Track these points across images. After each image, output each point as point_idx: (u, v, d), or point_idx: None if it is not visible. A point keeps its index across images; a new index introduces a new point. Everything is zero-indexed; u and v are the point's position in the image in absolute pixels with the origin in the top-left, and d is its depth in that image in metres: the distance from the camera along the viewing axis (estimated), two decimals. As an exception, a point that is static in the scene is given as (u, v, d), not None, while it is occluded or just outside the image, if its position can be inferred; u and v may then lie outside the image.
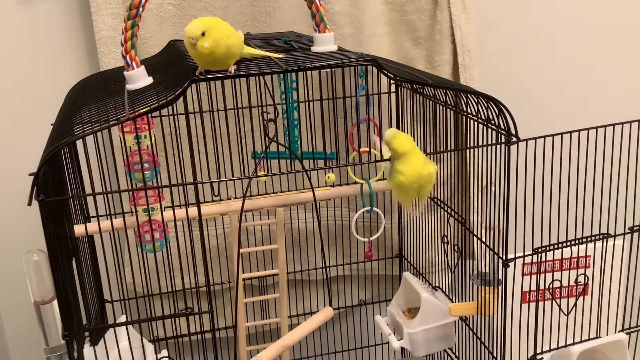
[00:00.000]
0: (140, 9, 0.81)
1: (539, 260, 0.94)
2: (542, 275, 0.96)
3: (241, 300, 1.10)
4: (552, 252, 0.94)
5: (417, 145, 1.08)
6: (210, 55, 0.77)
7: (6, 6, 1.14)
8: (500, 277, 0.92)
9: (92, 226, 0.93)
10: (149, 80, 0.84)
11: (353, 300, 1.31)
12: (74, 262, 0.91)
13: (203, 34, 0.76)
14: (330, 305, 0.97)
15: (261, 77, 1.02)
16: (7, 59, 1.16)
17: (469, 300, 0.98)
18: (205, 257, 0.86)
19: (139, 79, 0.83)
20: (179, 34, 1.11)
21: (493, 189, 0.90)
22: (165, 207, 0.97)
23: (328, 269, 1.25)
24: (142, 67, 0.84)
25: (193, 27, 0.76)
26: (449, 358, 1.12)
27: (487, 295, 0.93)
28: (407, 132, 1.11)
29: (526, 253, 0.93)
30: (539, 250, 0.93)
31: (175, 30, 1.12)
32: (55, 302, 0.82)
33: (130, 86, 0.83)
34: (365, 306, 1.32)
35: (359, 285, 1.30)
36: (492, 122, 0.88)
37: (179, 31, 1.11)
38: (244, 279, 1.13)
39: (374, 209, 1.03)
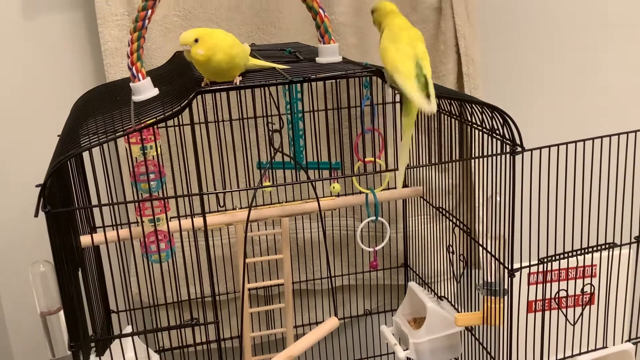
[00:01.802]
0: (146, 21, 0.82)
1: (545, 269, 0.93)
2: (548, 285, 0.96)
3: (247, 310, 1.10)
4: (557, 261, 0.94)
5: (422, 154, 1.09)
6: (210, 63, 0.78)
7: (13, 18, 1.15)
8: (506, 286, 0.92)
9: (98, 237, 0.94)
10: (155, 91, 0.84)
11: (358, 310, 1.30)
12: (80, 272, 0.91)
13: (196, 41, 0.76)
14: (336, 315, 0.97)
15: (266, 88, 1.02)
16: (14, 70, 1.17)
17: (475, 310, 0.98)
18: (210, 267, 0.87)
19: (145, 90, 0.84)
20: (185, 45, 1.12)
21: (498, 198, 0.90)
22: (170, 217, 0.97)
23: (333, 278, 1.25)
24: (148, 79, 0.84)
25: (186, 34, 0.77)
26: (455, 368, 1.12)
27: (493, 305, 0.92)
28: (412, 142, 1.11)
29: (532, 262, 0.93)
30: (545, 259, 0.93)
31: (181, 41, 1.12)
32: (62, 312, 0.83)
33: (136, 97, 0.83)
34: (370, 316, 1.32)
35: (364, 295, 1.30)
36: (497, 132, 0.88)
37: (184, 42, 1.12)
38: (249, 289, 1.13)
39: (379, 218, 1.03)
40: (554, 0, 1.31)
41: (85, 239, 0.93)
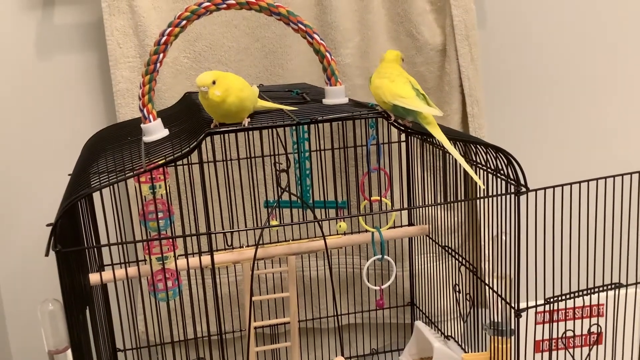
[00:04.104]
0: (158, 64, 0.84)
1: (552, 309, 0.93)
2: (555, 325, 0.96)
3: (253, 349, 1.09)
4: (564, 301, 0.94)
5: (428, 193, 1.10)
6: (222, 105, 0.80)
7: (27, 59, 1.18)
8: (513, 326, 0.91)
9: (107, 275, 0.94)
10: (165, 132, 0.86)
11: (365, 349, 1.30)
12: (87, 310, 0.92)
13: (214, 83, 0.79)
14: (342, 354, 0.97)
15: (274, 129, 1.04)
16: (27, 109, 1.20)
17: (482, 350, 0.97)
18: (217, 306, 0.87)
19: (155, 131, 0.86)
20: (194, 86, 1.14)
21: (504, 237, 0.90)
22: (178, 255, 0.98)
23: (339, 317, 1.25)
24: (159, 120, 0.86)
25: (204, 76, 0.79)
26: (463, 409, 1.11)
27: (500, 345, 0.92)
28: (417, 181, 1.12)
29: (538, 302, 0.93)
30: (551, 299, 0.93)
31: (191, 82, 1.15)
32: (69, 351, 0.83)
33: (146, 138, 0.85)
34: (377, 355, 1.31)
35: (370, 334, 1.30)
36: (502, 172, 0.89)
37: (194, 83, 1.14)
38: (255, 327, 1.13)
39: (385, 257, 1.03)
40: (557, 40, 1.33)
41: (94, 277, 0.93)
